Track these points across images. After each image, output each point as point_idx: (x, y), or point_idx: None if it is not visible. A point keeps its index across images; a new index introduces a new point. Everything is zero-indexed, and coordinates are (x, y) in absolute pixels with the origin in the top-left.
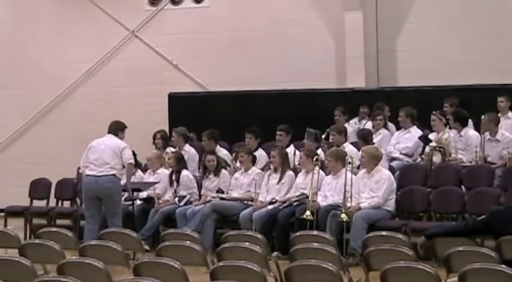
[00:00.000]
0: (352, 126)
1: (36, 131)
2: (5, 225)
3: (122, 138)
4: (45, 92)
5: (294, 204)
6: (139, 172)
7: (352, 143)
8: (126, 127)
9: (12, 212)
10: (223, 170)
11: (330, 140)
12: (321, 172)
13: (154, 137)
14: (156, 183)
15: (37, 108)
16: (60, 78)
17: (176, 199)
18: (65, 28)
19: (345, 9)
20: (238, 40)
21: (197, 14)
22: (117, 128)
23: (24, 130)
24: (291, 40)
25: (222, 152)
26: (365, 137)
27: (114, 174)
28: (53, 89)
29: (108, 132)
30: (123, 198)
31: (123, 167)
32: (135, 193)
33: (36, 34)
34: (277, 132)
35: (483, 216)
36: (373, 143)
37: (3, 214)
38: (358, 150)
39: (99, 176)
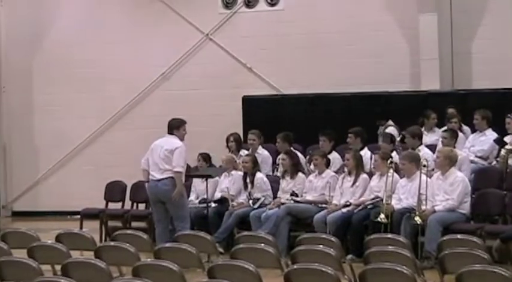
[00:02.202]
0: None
1: (111, 133)
2: (81, 228)
3: (180, 136)
4: (120, 94)
5: (368, 207)
6: None
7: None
8: (183, 123)
9: (88, 215)
10: (299, 173)
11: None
12: (395, 175)
13: (227, 140)
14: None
15: (113, 111)
16: (136, 81)
17: (250, 201)
18: (141, 31)
19: (419, 12)
20: (312, 43)
21: (271, 17)
22: (172, 127)
23: (100, 133)
24: (365, 43)
25: (297, 154)
26: (451, 135)
27: (171, 177)
28: (128, 91)
29: (168, 132)
30: (197, 201)
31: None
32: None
33: (113, 37)
34: (348, 135)
35: None
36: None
37: (79, 216)
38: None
39: (159, 179)
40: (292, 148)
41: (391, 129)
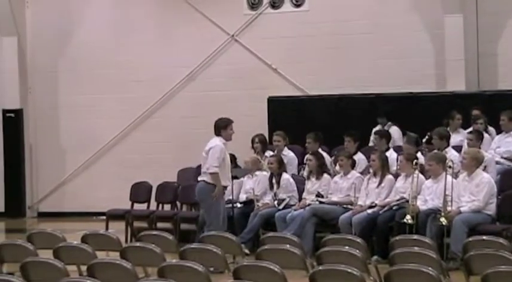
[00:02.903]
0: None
1: (137, 134)
2: (107, 228)
3: (227, 136)
4: (146, 95)
5: (394, 208)
6: None
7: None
8: (230, 122)
9: (114, 215)
10: (325, 174)
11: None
12: (421, 176)
13: (252, 141)
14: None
15: (138, 112)
16: (161, 82)
17: (275, 202)
18: (166, 33)
19: (444, 13)
20: (338, 44)
21: (297, 17)
22: (219, 127)
23: (126, 134)
24: (391, 44)
25: (323, 155)
26: (476, 136)
27: (204, 180)
28: (154, 92)
29: (214, 133)
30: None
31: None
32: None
33: (138, 39)
34: (373, 136)
35: None
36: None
37: (104, 217)
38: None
39: (197, 181)
40: (320, 148)
41: (395, 129)
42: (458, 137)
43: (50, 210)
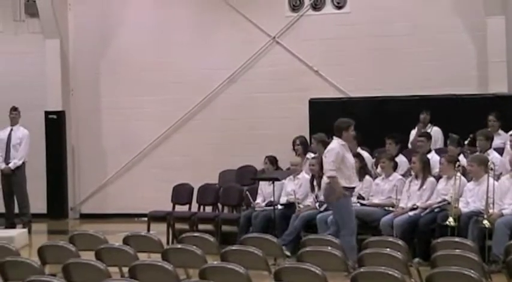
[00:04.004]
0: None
1: (178, 136)
2: (148, 230)
3: (348, 137)
4: (187, 97)
5: (435, 210)
6: None
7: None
8: (350, 124)
9: (155, 217)
10: (366, 176)
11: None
12: (463, 178)
13: (293, 143)
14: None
15: (180, 114)
16: (202, 84)
17: (317, 204)
18: (207, 35)
19: (486, 14)
20: (379, 46)
21: (338, 19)
22: (340, 129)
23: (167, 136)
24: (432, 45)
25: (364, 155)
26: None
27: (327, 182)
28: (195, 95)
29: (335, 135)
30: (263, 204)
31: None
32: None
33: (179, 41)
34: (418, 138)
35: None
36: None
37: (146, 219)
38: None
39: None
40: (359, 148)
41: (436, 130)
42: (498, 139)
43: (92, 212)
